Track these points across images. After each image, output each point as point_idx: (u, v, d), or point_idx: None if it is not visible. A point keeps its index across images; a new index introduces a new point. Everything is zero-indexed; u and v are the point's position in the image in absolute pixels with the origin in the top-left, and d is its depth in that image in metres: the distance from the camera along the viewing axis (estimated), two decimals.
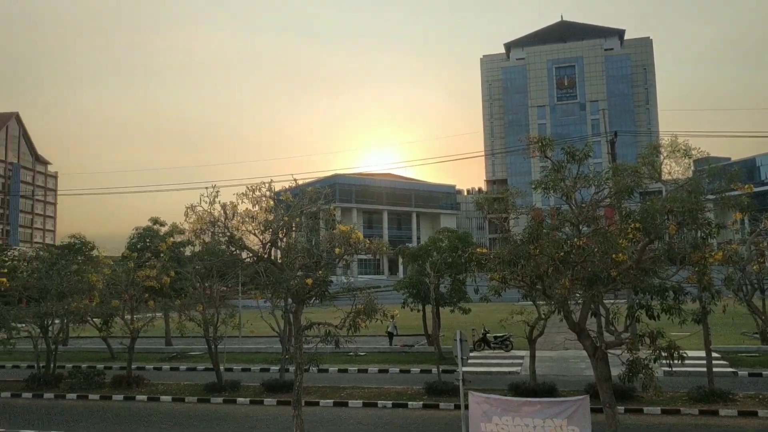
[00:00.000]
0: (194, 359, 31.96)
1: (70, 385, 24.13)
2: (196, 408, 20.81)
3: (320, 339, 12.79)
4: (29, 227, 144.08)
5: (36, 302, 26.25)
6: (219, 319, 22.89)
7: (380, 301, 13.87)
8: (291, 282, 12.36)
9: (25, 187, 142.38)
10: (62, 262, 26.48)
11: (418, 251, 31.93)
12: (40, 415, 20.23)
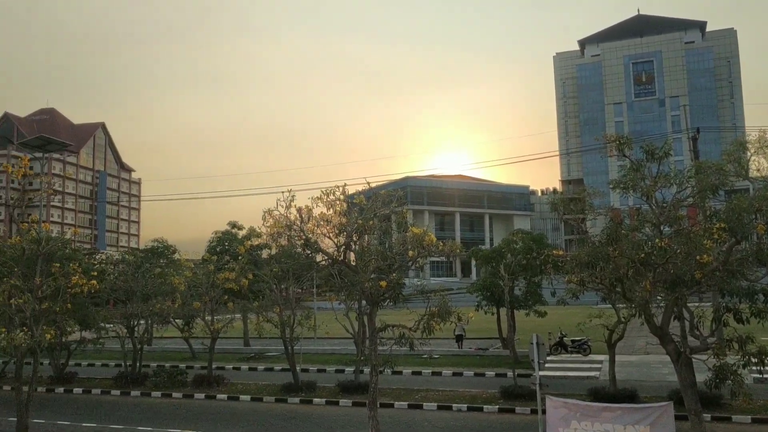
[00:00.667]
0: (271, 360, 32.68)
1: (155, 383, 25.10)
2: (273, 408, 21.26)
3: (395, 341, 12.84)
4: (115, 232, 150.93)
5: (123, 304, 27.48)
6: (295, 320, 23.32)
7: (453, 303, 13.80)
8: (365, 284, 12.47)
9: (111, 194, 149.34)
10: (147, 266, 27.60)
11: (492, 253, 31.58)
12: (128, 411, 21.13)
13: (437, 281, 75.35)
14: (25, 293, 15.20)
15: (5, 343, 15.20)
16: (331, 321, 24.05)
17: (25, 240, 15.74)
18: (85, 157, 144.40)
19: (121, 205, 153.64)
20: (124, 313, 26.08)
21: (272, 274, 23.69)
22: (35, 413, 16.13)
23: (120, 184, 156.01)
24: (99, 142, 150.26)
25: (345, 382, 22.88)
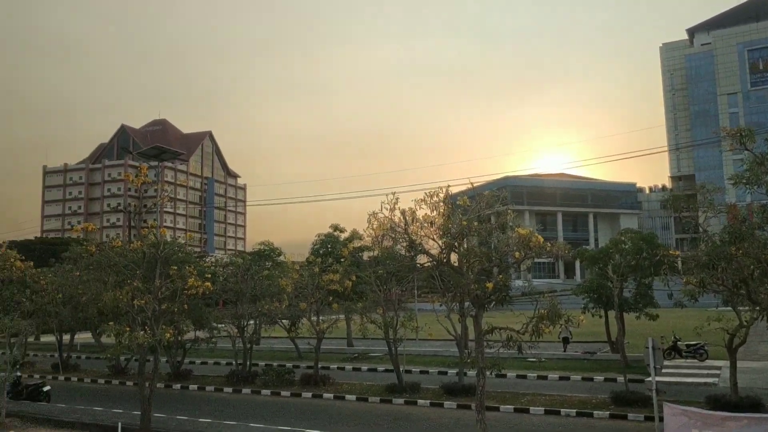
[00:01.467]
0: (375, 360, 33.03)
1: (264, 381, 25.95)
2: (378, 408, 21.47)
3: (502, 344, 12.65)
4: (223, 235, 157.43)
5: (232, 305, 28.61)
6: (398, 321, 23.46)
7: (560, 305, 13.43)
8: (471, 286, 12.35)
9: (218, 199, 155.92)
10: (255, 268, 28.59)
11: (599, 254, 30.52)
12: (240, 408, 21.96)
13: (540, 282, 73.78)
14: (146, 295, 16.11)
15: (129, 341, 16.19)
16: (432, 323, 24.02)
17: (146, 245, 16.69)
18: (194, 164, 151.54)
19: (228, 210, 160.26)
20: (235, 314, 27.12)
21: (376, 276, 23.94)
22: (156, 407, 17.04)
23: (227, 190, 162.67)
24: (207, 150, 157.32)
25: (449, 384, 22.78)
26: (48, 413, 19.60)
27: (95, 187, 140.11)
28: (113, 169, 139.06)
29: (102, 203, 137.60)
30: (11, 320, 19.53)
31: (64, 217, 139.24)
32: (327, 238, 39.67)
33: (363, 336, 25.37)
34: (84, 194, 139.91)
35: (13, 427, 18.05)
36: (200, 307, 25.60)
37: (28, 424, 18.53)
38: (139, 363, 16.75)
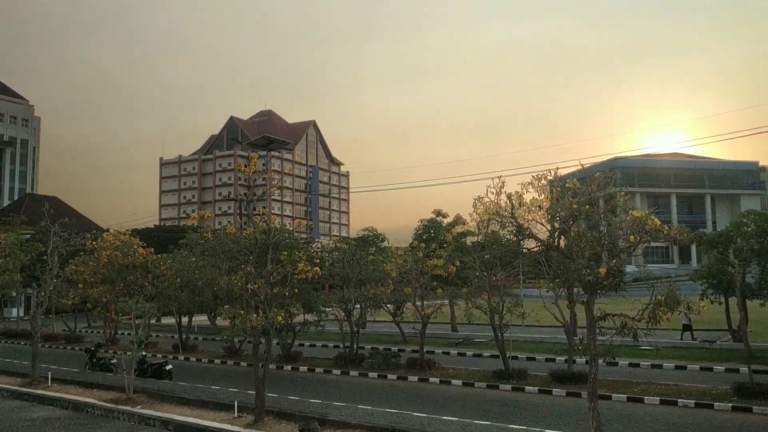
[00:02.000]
0: (479, 346, 32.84)
1: (371, 364, 26.39)
2: (485, 393, 21.33)
3: (615, 331, 12.19)
4: (327, 222, 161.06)
5: (338, 289, 29.25)
6: (504, 307, 23.17)
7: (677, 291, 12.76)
8: (582, 271, 11.96)
9: (322, 187, 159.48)
10: (360, 253, 29.07)
11: (718, 237, 28.80)
12: (348, 390, 22.46)
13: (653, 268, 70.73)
14: (259, 279, 16.71)
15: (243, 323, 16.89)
16: (539, 309, 23.53)
17: (258, 231, 17.30)
18: (299, 153, 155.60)
19: (332, 197, 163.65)
20: (341, 298, 27.71)
21: (480, 261, 23.74)
22: (269, 388, 17.71)
23: (330, 177, 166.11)
24: (311, 139, 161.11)
25: (557, 371, 22.31)
26: (170, 391, 20.81)
27: (207, 177, 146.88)
28: (224, 160, 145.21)
29: (214, 192, 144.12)
30: (136, 303, 20.84)
31: (180, 206, 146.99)
32: (430, 224, 39.69)
33: (468, 321, 25.26)
34: (197, 184, 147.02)
35: (141, 402, 19.31)
36: (309, 291, 26.37)
37: (154, 400, 19.75)
38: (252, 345, 17.44)
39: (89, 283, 37.06)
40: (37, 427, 17.67)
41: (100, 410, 19.22)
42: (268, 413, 16.76)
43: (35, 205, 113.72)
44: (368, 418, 16.21)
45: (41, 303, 25.62)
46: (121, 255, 36.36)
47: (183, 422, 16.87)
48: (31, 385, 23.34)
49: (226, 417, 17.17)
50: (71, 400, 20.48)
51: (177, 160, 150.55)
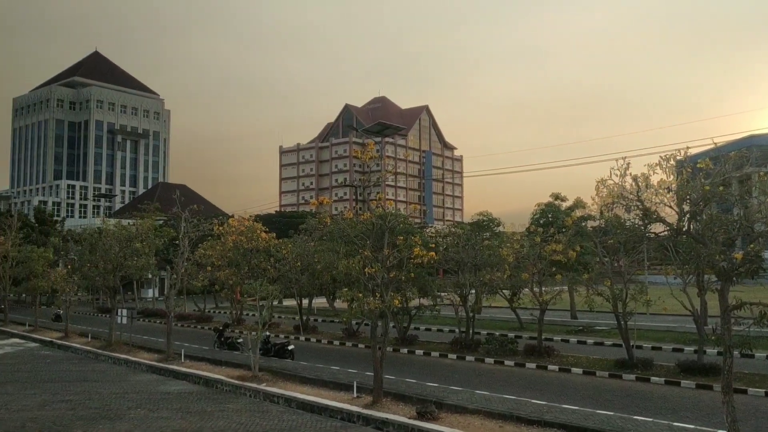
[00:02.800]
0: (601, 334, 31.75)
1: (487, 350, 26.17)
2: (607, 383, 20.60)
3: (753, 321, 11.34)
4: (441, 207, 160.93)
5: (453, 274, 29.16)
6: (628, 294, 22.21)
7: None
8: (715, 257, 11.21)
9: (436, 172, 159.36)
10: (475, 238, 28.81)
11: None
12: (464, 375, 22.41)
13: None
14: (376, 263, 16.96)
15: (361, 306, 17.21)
16: (665, 296, 22.35)
17: (374, 216, 17.53)
18: (413, 138, 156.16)
19: (445, 182, 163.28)
20: (456, 283, 27.61)
21: (603, 246, 22.86)
22: (386, 370, 17.98)
23: (444, 162, 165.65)
24: (424, 124, 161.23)
25: (686, 362, 21.14)
26: (293, 370, 21.62)
27: (324, 164, 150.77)
28: (339, 147, 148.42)
29: (330, 179, 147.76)
30: (260, 285, 21.76)
31: (299, 193, 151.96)
32: (547, 208, 38.67)
33: (589, 309, 24.45)
34: (315, 171, 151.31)
35: (266, 380, 20.20)
36: (424, 276, 26.47)
37: (277, 378, 20.61)
38: (370, 327, 17.76)
39: (216, 266, 39.14)
40: (173, 399, 18.91)
41: (228, 386, 20.29)
42: (386, 394, 17.04)
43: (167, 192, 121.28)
44: (485, 403, 16.11)
45: (174, 284, 27.34)
46: (245, 239, 38.09)
47: (305, 400, 17.48)
48: (166, 360, 25.02)
49: (346, 397, 17.62)
50: (203, 376, 21.76)
51: (295, 148, 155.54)
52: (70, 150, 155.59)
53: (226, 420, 16.04)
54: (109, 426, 15.43)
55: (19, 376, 23.55)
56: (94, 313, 56.22)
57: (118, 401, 18.62)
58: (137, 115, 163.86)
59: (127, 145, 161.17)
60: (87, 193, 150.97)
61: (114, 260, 30.25)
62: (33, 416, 16.63)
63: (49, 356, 29.85)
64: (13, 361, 27.97)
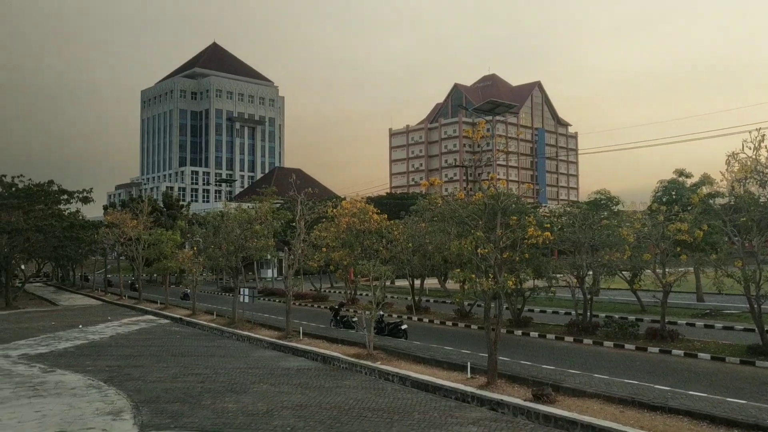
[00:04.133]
0: (731, 318, 29.85)
1: (606, 333, 25.29)
2: (738, 370, 19.35)
3: None
4: (555, 186, 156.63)
5: (569, 254, 28.31)
6: (762, 276, 20.68)
7: None
8: None
9: (549, 150, 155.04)
10: (592, 217, 27.82)
11: None
12: (581, 358, 21.78)
13: None
14: (488, 244, 16.74)
15: (474, 287, 17.09)
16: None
17: (486, 196, 17.29)
18: (524, 116, 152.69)
19: (559, 160, 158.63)
20: (573, 264, 26.81)
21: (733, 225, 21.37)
22: (500, 351, 17.77)
23: (557, 140, 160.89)
24: (536, 101, 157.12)
25: None
26: (406, 349, 21.85)
27: (433, 145, 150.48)
28: (449, 127, 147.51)
29: (440, 160, 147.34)
30: (373, 266, 22.09)
31: (408, 174, 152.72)
32: (671, 185, 36.67)
33: (717, 291, 23.02)
34: (424, 152, 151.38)
35: (380, 358, 20.55)
36: (538, 256, 25.88)
37: (391, 357, 20.90)
38: (484, 309, 17.60)
39: (331, 247, 40.18)
40: (293, 375, 19.65)
41: (344, 364, 20.82)
42: (500, 376, 16.87)
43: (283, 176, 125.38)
44: (605, 387, 15.58)
45: (292, 265, 28.29)
46: (358, 221, 38.82)
47: (419, 379, 17.63)
48: (285, 338, 26.01)
49: (459, 377, 17.60)
50: (320, 353, 22.46)
51: (405, 130, 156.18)
52: (193, 138, 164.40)
53: (344, 396, 16.47)
54: (234, 399, 16.26)
55: (153, 350, 25.28)
56: (218, 292, 59.35)
57: (243, 376, 19.57)
58: (254, 102, 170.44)
59: (245, 132, 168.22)
60: (209, 179, 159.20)
61: (236, 242, 31.72)
62: (166, 387, 17.81)
63: (179, 332, 31.84)
64: (148, 336, 30.06)
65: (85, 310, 45.29)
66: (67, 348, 25.86)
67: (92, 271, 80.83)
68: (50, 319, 38.95)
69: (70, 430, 13.30)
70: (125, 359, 22.97)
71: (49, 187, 51.36)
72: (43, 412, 14.92)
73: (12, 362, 22.32)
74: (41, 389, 17.55)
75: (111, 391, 17.23)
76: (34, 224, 47.12)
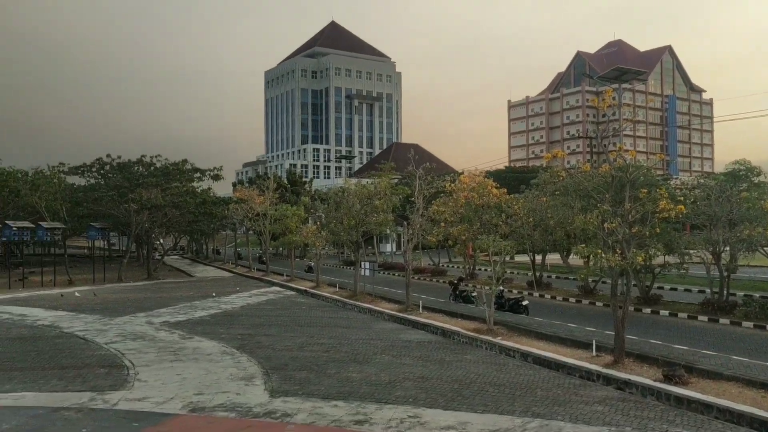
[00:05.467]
0: None
1: (745, 313, 23.70)
2: None
3: None
4: (687, 156, 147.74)
5: (703, 229, 26.61)
6: None
7: None
8: None
9: (680, 118, 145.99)
10: (731, 189, 25.96)
11: None
12: (717, 338, 20.57)
13: None
14: (616, 218, 16.05)
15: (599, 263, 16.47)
16: None
17: (613, 168, 16.54)
18: (653, 83, 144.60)
19: (692, 129, 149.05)
20: (708, 239, 25.21)
21: None
22: (627, 330, 17.06)
23: (690, 107, 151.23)
24: (666, 67, 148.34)
25: None
26: (527, 325, 21.50)
27: (554, 116, 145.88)
28: (571, 97, 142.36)
29: (561, 131, 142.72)
30: (493, 240, 21.81)
31: (528, 147, 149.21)
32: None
33: None
34: (544, 124, 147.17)
35: (501, 334, 20.36)
36: (669, 231, 24.54)
37: (512, 332, 20.65)
38: (611, 285, 16.95)
39: (449, 222, 40.09)
40: (413, 347, 19.90)
41: (464, 338, 20.82)
42: (627, 355, 16.23)
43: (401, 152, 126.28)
44: (744, 370, 14.60)
45: (411, 239, 28.51)
46: (476, 196, 38.44)
47: (542, 356, 17.32)
48: (405, 311, 26.35)
49: (584, 355, 17.11)
50: (440, 327, 22.57)
51: (524, 102, 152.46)
52: (314, 116, 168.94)
53: (464, 370, 16.49)
54: (358, 368, 16.71)
55: (280, 320, 26.45)
56: (339, 265, 61.05)
57: (365, 346, 20.06)
58: (371, 79, 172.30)
59: (363, 109, 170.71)
60: (330, 156, 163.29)
61: (356, 217, 32.38)
62: (294, 356, 18.59)
63: (304, 303, 33.09)
64: (276, 307, 31.47)
65: (218, 282, 48.07)
66: (202, 316, 27.57)
67: (223, 244, 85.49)
68: (187, 289, 41.67)
69: (207, 392, 14.20)
70: (255, 328, 24.18)
71: (183, 166, 54.76)
72: (183, 375, 16.02)
73: (155, 329, 24.10)
74: (181, 354, 18.85)
75: (243, 358, 18.20)
76: (170, 201, 50.44)
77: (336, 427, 11.72)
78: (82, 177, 57.80)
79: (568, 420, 11.99)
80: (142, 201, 48.69)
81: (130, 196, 49.15)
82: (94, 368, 17.07)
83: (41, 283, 45.05)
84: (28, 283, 45.49)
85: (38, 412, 12.77)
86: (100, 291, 41.23)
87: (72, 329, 24.01)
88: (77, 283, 46.15)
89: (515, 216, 35.33)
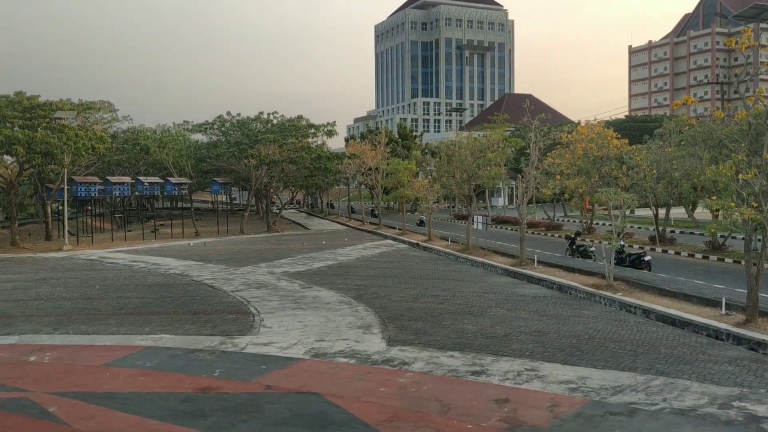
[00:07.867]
0: None
1: None
2: None
3: None
4: None
5: None
6: None
7: None
8: None
9: None
10: None
11: None
12: None
13: None
14: (753, 168, 14.95)
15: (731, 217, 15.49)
16: None
17: (752, 114, 15.34)
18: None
19: None
20: None
21: None
22: (763, 288, 16.00)
23: None
24: None
25: None
26: (650, 281, 20.68)
27: (680, 62, 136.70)
28: (699, 40, 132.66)
29: (688, 77, 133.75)
30: (614, 193, 20.98)
31: (650, 95, 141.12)
32: None
33: None
34: (669, 70, 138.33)
35: (621, 290, 19.71)
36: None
37: (633, 288, 19.94)
38: (745, 241, 15.91)
39: (566, 175, 38.94)
40: (529, 302, 19.68)
41: (582, 293, 20.33)
42: (761, 314, 15.26)
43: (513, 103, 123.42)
44: None
45: (525, 193, 27.97)
46: (595, 147, 37.00)
47: (666, 313, 16.63)
48: (519, 265, 26.03)
49: (712, 313, 16.28)
50: (556, 282, 22.15)
51: (647, 47, 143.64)
52: (423, 69, 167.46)
53: (583, 325, 16.15)
54: (473, 321, 16.76)
55: (394, 272, 26.90)
56: (451, 219, 60.99)
57: (479, 299, 20.06)
58: (482, 29, 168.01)
59: (474, 60, 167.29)
60: (440, 109, 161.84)
61: (468, 170, 32.09)
62: (409, 306, 18.91)
63: (417, 256, 33.43)
64: (389, 259, 32.01)
65: (333, 234, 49.45)
66: (320, 267, 28.53)
67: (337, 198, 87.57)
68: (304, 241, 43.19)
69: (327, 339, 14.76)
70: (370, 279, 24.75)
71: (299, 122, 56.19)
72: (305, 322, 16.71)
73: (276, 278, 25.22)
74: (301, 302, 19.65)
75: (360, 307, 18.72)
76: (287, 156, 52.06)
77: (453, 377, 11.86)
78: (204, 134, 60.73)
79: (695, 379, 11.50)
80: (260, 157, 50.56)
81: (250, 152, 51.18)
82: (223, 314, 18.16)
83: (171, 235, 48.18)
84: (159, 235, 48.81)
85: (176, 353, 13.79)
86: (224, 243, 43.61)
87: (201, 278, 25.59)
88: (203, 234, 48.96)
89: (637, 168, 33.75)
